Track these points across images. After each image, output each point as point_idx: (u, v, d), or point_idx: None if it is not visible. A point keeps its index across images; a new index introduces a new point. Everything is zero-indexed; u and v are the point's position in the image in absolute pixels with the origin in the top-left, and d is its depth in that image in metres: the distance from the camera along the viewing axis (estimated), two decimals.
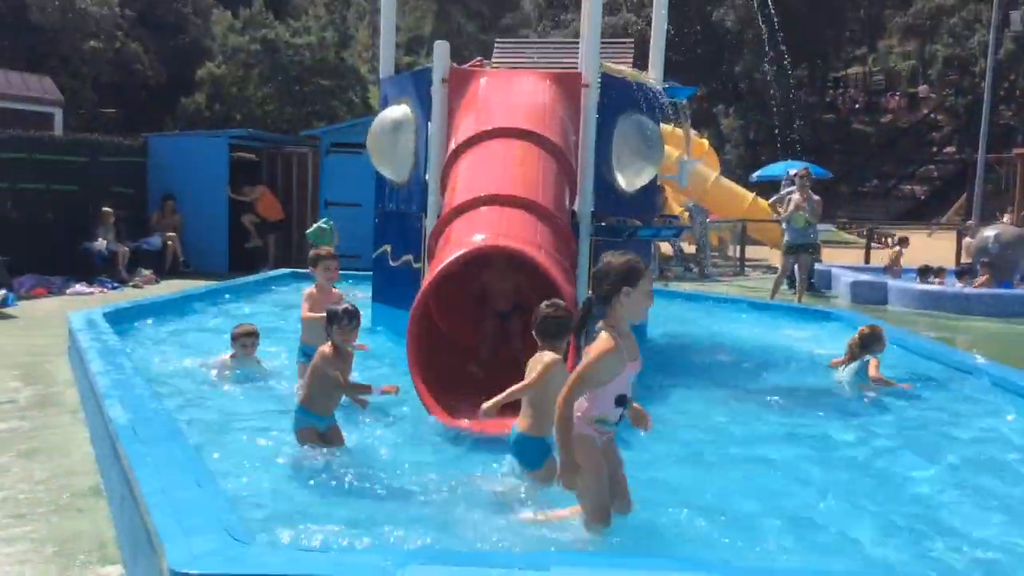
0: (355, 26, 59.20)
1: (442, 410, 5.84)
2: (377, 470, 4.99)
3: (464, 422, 5.74)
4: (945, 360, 8.56)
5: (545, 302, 5.00)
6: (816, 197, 14.06)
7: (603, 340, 3.92)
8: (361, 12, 64.33)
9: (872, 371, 7.67)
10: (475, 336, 7.52)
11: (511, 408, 5.06)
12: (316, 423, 5.25)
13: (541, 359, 4.86)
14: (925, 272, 15.17)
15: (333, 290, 6.98)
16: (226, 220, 16.88)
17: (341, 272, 7.30)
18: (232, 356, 7.41)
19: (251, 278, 13.45)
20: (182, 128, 28.04)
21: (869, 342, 7.90)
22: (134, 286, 14.31)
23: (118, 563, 4.19)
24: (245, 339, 7.42)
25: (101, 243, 14.91)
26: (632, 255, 4.06)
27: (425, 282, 6.31)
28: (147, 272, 15.01)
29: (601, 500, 4.08)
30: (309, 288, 7.05)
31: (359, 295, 12.00)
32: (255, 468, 5.02)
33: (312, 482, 4.82)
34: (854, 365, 7.90)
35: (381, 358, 8.15)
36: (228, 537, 3.21)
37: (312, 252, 7.26)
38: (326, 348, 5.29)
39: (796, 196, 13.82)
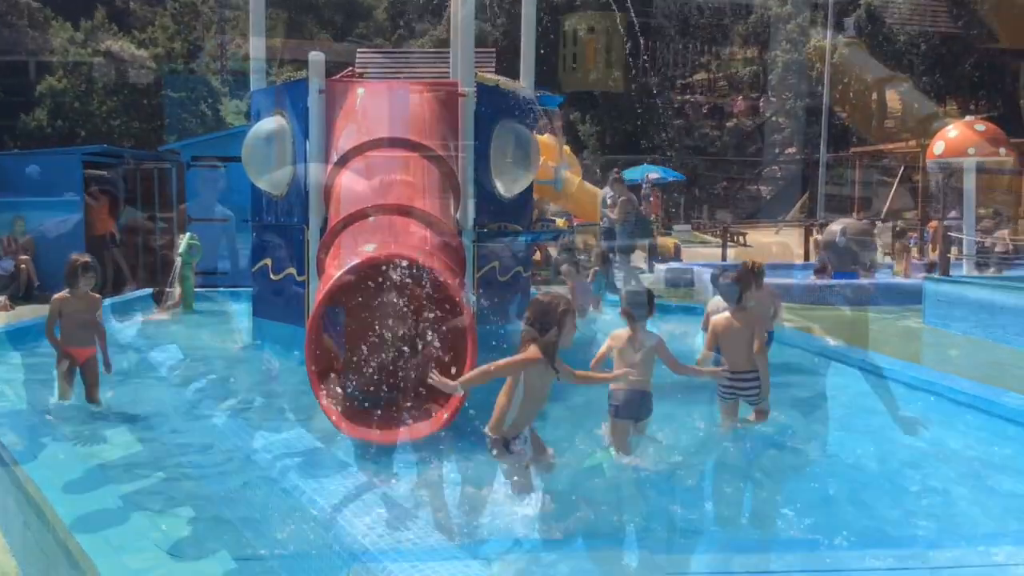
0: (203, 36, 57.69)
1: (344, 420, 5.85)
2: (292, 479, 4.98)
3: (370, 432, 5.77)
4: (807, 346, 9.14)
5: None
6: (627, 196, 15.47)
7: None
8: (208, 23, 62.62)
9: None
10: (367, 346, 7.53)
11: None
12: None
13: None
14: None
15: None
16: (82, 240, 16.14)
17: (210, 290, 7.16)
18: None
19: (113, 300, 12.94)
20: (22, 147, 26.66)
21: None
22: None
23: None
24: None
25: None
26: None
27: (319, 295, 6.30)
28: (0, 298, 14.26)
29: None
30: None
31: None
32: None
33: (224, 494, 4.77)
34: None
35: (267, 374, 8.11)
36: (159, 551, 3.19)
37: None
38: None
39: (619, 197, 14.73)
